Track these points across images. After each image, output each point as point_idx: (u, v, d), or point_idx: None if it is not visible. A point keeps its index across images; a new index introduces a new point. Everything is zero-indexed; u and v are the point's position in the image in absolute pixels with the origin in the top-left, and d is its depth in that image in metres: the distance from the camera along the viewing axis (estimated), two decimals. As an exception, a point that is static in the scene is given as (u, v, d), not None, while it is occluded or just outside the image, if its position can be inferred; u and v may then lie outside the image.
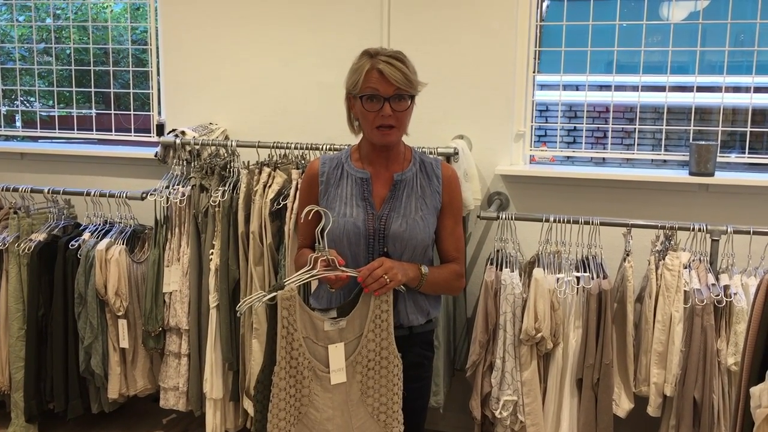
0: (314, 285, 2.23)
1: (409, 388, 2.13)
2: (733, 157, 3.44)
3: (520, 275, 2.91)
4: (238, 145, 3.26)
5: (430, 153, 3.05)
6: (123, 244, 3.28)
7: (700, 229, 2.80)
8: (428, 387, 2.33)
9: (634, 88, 3.43)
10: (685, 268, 2.76)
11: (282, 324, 1.94)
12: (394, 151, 2.14)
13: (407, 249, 2.08)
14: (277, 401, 1.97)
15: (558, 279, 2.83)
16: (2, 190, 3.51)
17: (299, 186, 2.52)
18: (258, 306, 2.01)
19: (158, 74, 3.83)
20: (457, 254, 2.21)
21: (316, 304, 2.19)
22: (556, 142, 3.71)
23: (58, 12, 4.19)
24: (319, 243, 1.96)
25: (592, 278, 2.82)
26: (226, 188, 3.14)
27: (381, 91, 2.00)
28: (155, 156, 3.40)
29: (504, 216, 3.01)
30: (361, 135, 2.17)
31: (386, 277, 1.97)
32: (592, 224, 2.89)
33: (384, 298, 2.01)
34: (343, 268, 1.97)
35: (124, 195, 3.37)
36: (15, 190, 3.48)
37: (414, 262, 2.11)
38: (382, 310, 2.02)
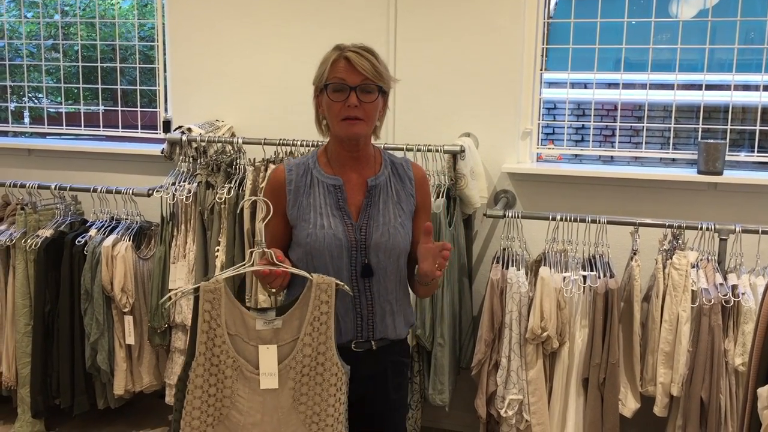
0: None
1: (392, 400, 2.04)
2: (742, 156, 3.42)
3: (527, 274, 2.90)
4: (244, 142, 3.26)
5: (437, 151, 3.05)
6: (129, 240, 3.28)
7: (708, 228, 2.79)
8: (407, 394, 2.21)
9: (643, 86, 3.41)
10: (693, 267, 2.75)
11: (203, 318, 1.80)
12: (363, 153, 2.01)
13: (390, 258, 1.97)
14: (192, 398, 1.82)
15: (564, 278, 2.81)
16: (10, 186, 3.52)
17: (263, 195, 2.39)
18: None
19: (165, 71, 3.83)
20: None
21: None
22: (563, 140, 3.70)
23: (66, 8, 4.19)
24: (258, 237, 1.82)
25: (599, 277, 2.81)
26: (232, 185, 3.14)
27: (347, 80, 1.88)
28: (162, 153, 3.40)
29: (510, 214, 3.00)
30: (328, 138, 2.05)
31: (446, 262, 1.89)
32: (599, 223, 2.88)
33: (324, 298, 1.84)
34: (283, 265, 1.82)
35: (131, 191, 3.37)
36: (22, 186, 3.49)
37: (395, 270, 2.01)
38: (321, 312, 1.85)
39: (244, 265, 1.82)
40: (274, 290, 1.89)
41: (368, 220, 1.97)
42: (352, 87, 1.88)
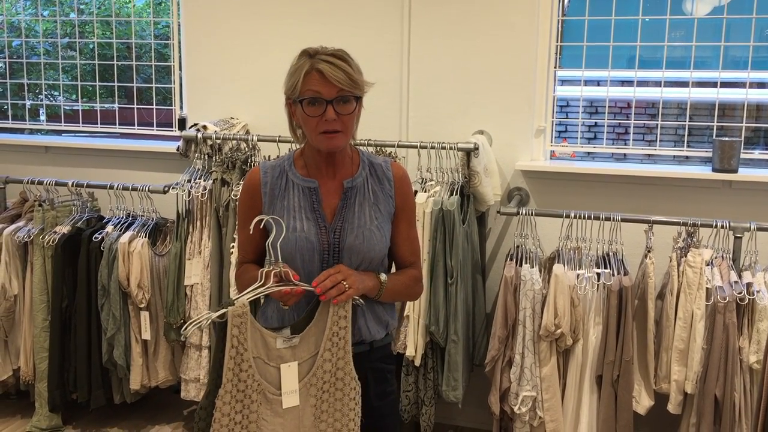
0: (260, 302, 2.06)
1: (375, 407, 1.99)
2: (756, 154, 3.41)
3: (540, 271, 2.90)
4: (258, 140, 3.28)
5: (450, 148, 3.06)
6: (145, 237, 3.31)
7: (722, 226, 2.78)
8: (396, 402, 2.18)
9: (657, 84, 3.40)
10: (708, 265, 2.74)
11: (231, 343, 1.75)
12: (340, 156, 1.97)
13: (364, 262, 1.94)
14: (219, 427, 1.77)
15: (578, 275, 2.82)
16: (27, 183, 3.56)
17: (238, 199, 2.29)
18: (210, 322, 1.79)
19: (180, 69, 3.86)
20: (414, 258, 2.07)
21: (265, 323, 1.98)
22: (576, 137, 3.69)
23: (82, 7, 4.24)
24: (270, 256, 1.79)
25: (613, 275, 2.81)
26: (247, 182, 3.16)
27: (323, 93, 1.82)
28: (177, 150, 3.42)
29: (524, 212, 3.01)
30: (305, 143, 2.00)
31: (345, 283, 1.82)
32: (613, 220, 2.88)
33: (342, 314, 1.85)
34: (298, 282, 1.81)
35: (147, 188, 3.40)
36: (40, 183, 3.53)
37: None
38: (340, 327, 1.85)
39: (265, 285, 1.79)
40: (287, 306, 1.86)
41: (343, 222, 1.94)
42: (328, 101, 1.83)
